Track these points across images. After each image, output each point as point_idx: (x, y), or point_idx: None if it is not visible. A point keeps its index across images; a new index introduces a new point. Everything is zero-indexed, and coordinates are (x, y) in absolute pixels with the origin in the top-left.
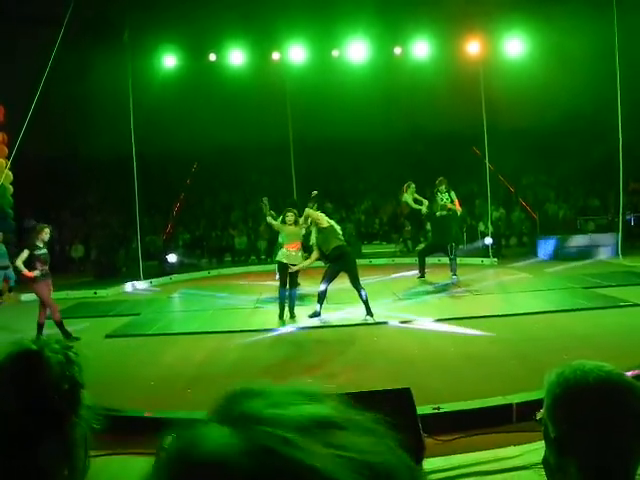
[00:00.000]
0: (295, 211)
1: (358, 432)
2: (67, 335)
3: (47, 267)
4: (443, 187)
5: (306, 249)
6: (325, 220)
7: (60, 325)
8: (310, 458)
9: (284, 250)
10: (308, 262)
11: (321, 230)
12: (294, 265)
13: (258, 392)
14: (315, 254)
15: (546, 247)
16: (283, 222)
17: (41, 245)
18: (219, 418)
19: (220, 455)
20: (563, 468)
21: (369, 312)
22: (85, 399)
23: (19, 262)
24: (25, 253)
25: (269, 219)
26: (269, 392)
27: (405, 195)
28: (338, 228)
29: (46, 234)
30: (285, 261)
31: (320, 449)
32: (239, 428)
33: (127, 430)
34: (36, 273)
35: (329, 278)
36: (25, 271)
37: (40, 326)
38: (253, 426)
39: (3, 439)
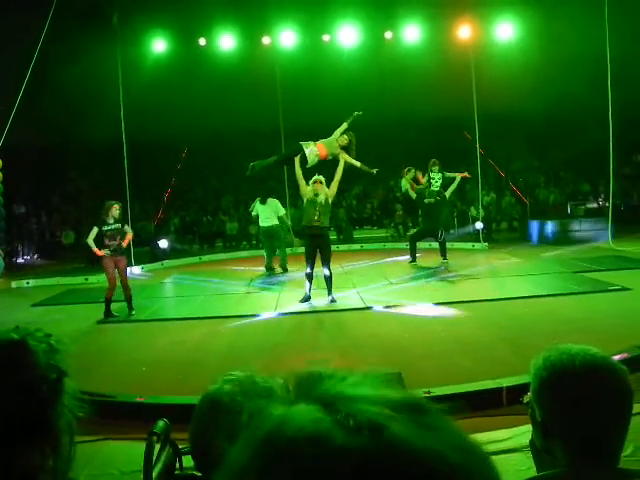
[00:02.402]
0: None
1: (435, 414)
2: (107, 314)
3: (116, 243)
4: (436, 168)
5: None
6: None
7: (108, 302)
8: (416, 435)
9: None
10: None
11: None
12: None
13: (330, 375)
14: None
15: (536, 232)
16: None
17: (111, 221)
18: (303, 399)
19: (314, 430)
20: (549, 450)
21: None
22: (68, 387)
23: (90, 240)
24: (94, 231)
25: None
26: (341, 375)
27: (404, 180)
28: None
29: (116, 210)
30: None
31: (416, 428)
32: (330, 406)
33: (119, 415)
34: (105, 252)
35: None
36: (94, 249)
37: (128, 299)
38: (346, 403)
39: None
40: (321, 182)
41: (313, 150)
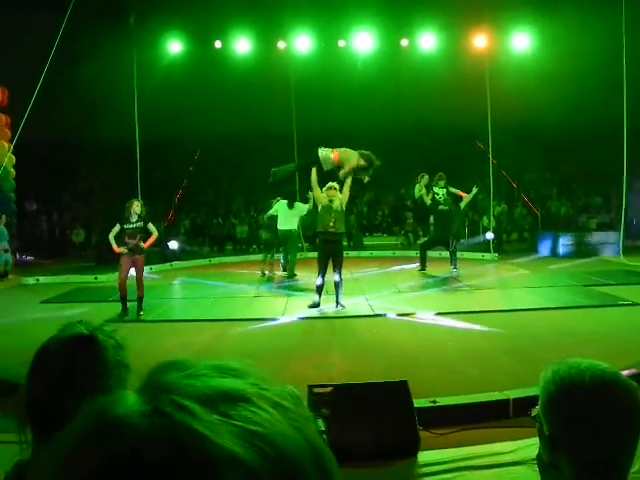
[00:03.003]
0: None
1: (264, 406)
2: (123, 313)
3: (136, 241)
4: (442, 182)
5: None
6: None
7: (123, 300)
8: (199, 424)
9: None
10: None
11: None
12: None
13: (180, 365)
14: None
15: (547, 244)
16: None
17: (133, 219)
18: (140, 388)
19: (123, 417)
20: (556, 465)
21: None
22: (131, 384)
23: (110, 236)
24: (116, 228)
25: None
26: (190, 365)
27: (417, 186)
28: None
29: (136, 206)
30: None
31: (213, 418)
32: (148, 396)
33: None
34: (122, 250)
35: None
36: (114, 246)
37: (138, 299)
38: (160, 394)
39: (57, 427)
40: (335, 189)
41: (328, 154)
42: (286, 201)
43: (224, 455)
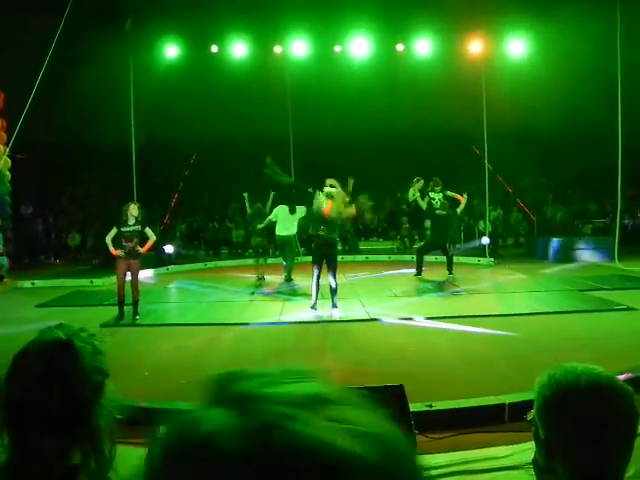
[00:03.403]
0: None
1: (351, 406)
2: (119, 317)
3: (133, 245)
4: (438, 188)
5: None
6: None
7: (120, 304)
8: (313, 430)
9: None
10: None
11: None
12: None
13: (248, 374)
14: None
15: (543, 248)
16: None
17: (131, 222)
18: (215, 401)
19: (218, 435)
20: (552, 469)
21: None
22: (109, 389)
23: (107, 238)
24: (113, 230)
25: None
26: (258, 373)
27: (411, 190)
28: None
29: (133, 209)
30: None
31: (320, 422)
32: (236, 408)
33: (120, 420)
34: (119, 252)
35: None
36: (111, 248)
37: (134, 303)
38: (249, 404)
39: (33, 431)
40: (333, 196)
41: (321, 205)
42: (287, 207)
43: (349, 458)
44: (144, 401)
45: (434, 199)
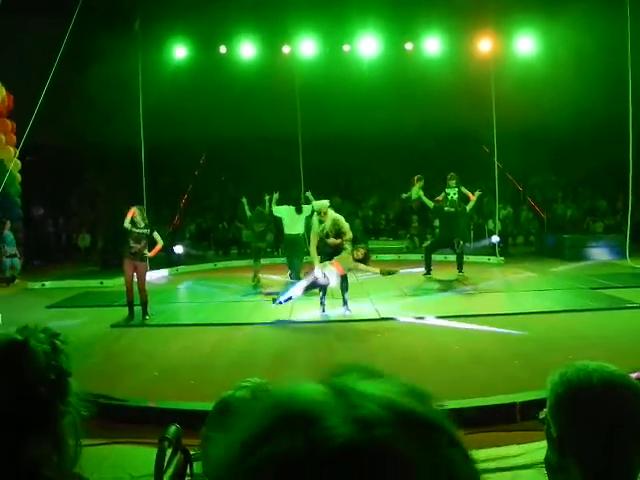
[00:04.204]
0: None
1: (442, 436)
2: (129, 318)
3: (140, 246)
4: (453, 182)
5: None
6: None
7: (130, 304)
8: (404, 444)
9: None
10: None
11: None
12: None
13: (357, 369)
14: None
15: (553, 247)
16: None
17: (141, 225)
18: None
19: (316, 404)
20: (565, 468)
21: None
22: (73, 387)
23: (126, 224)
24: (128, 224)
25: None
26: (367, 372)
27: (415, 189)
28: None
29: (137, 215)
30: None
31: (409, 439)
32: (340, 393)
33: (130, 419)
34: (126, 247)
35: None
36: (127, 224)
37: (142, 304)
38: (355, 396)
39: None
40: (325, 213)
41: (332, 270)
42: (293, 207)
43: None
44: (152, 401)
45: (449, 194)
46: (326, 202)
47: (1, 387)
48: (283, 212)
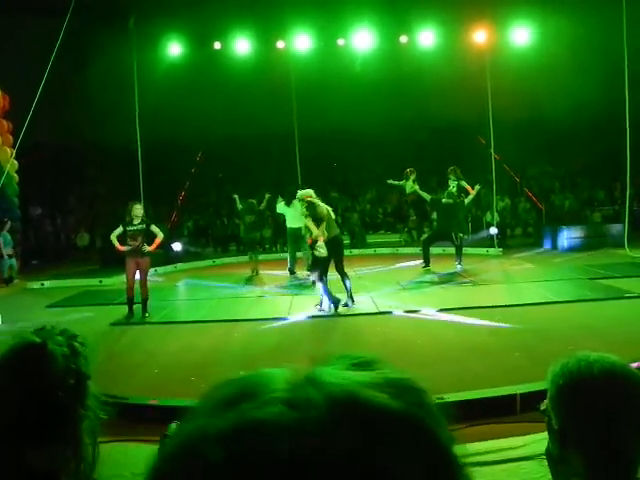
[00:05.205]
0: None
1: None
2: (129, 315)
3: (138, 243)
4: (452, 176)
5: None
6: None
7: (130, 302)
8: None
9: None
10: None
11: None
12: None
13: (351, 358)
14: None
15: (551, 237)
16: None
17: (136, 222)
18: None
19: (259, 388)
20: (566, 459)
21: (350, 298)
22: (91, 390)
23: (112, 236)
24: (119, 229)
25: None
26: (361, 360)
27: (409, 183)
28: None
29: (137, 209)
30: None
31: (339, 428)
32: (300, 376)
33: (132, 417)
34: (125, 248)
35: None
36: (117, 245)
37: (143, 301)
38: (311, 378)
39: (9, 434)
40: (301, 200)
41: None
42: (283, 200)
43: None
44: (153, 399)
45: (448, 186)
46: (309, 190)
47: (20, 392)
48: (283, 208)
